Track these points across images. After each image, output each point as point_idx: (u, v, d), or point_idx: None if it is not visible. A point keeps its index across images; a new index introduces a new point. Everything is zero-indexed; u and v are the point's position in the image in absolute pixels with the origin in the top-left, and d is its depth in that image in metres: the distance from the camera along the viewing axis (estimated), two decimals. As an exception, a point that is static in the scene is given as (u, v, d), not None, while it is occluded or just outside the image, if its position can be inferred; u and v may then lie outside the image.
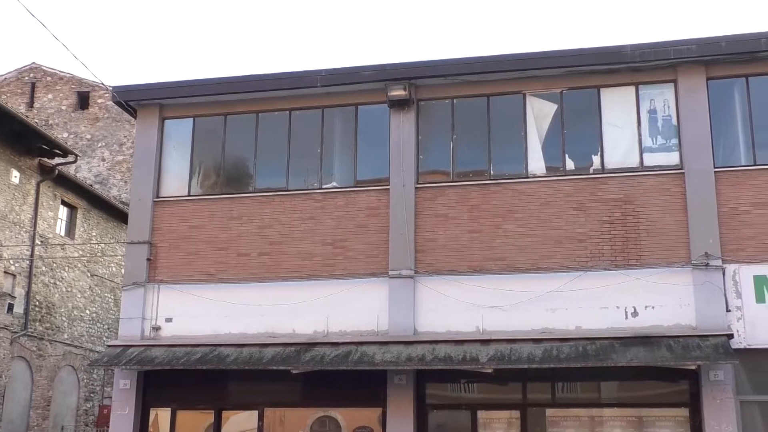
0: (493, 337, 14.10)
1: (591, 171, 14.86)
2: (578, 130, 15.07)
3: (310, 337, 14.84)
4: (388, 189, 15.36)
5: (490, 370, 13.55)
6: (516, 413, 14.31)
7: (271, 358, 14.32)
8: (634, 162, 14.70)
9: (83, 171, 29.72)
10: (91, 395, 25.89)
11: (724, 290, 13.72)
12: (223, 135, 16.51)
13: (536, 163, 15.07)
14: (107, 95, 28.72)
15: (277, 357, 14.32)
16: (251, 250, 15.72)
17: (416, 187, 15.28)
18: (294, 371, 14.07)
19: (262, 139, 16.32)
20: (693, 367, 13.17)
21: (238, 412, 15.50)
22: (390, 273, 14.91)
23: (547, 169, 15.03)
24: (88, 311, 25.87)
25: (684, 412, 13.72)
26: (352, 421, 15.15)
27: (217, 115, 16.59)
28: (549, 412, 14.33)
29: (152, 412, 15.62)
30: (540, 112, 15.21)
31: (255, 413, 15.14)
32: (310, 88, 15.93)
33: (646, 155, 14.69)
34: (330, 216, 15.57)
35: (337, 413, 15.23)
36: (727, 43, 14.27)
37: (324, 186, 15.86)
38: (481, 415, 14.50)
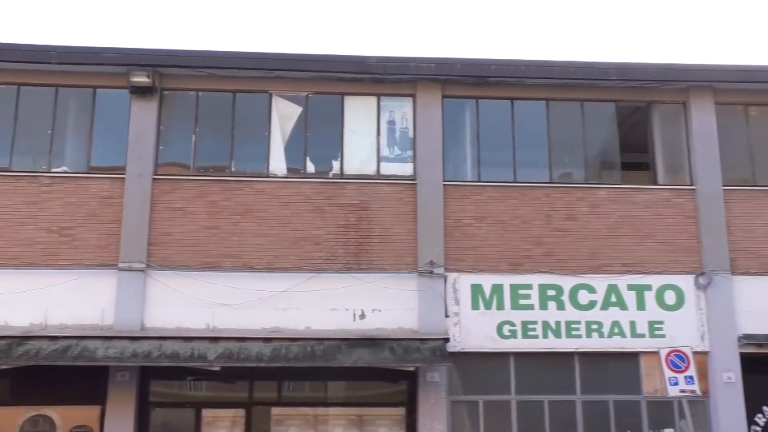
0: (223, 335, 14.00)
1: (330, 175, 15.23)
2: (321, 135, 15.38)
3: (26, 330, 13.86)
4: (124, 178, 14.75)
5: (217, 368, 13.42)
6: (241, 411, 14.30)
7: (-23, 352, 13.17)
8: (371, 170, 15.26)
9: None
10: None
11: (445, 297, 14.63)
12: (-62, 105, 14.99)
13: (278, 164, 15.17)
14: None
15: (-16, 351, 13.19)
16: (-38, 234, 14.39)
17: (154, 178, 14.80)
18: (2, 366, 13.06)
19: (-16, 114, 15.02)
20: (412, 369, 13.88)
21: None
22: (120, 265, 14.32)
23: (289, 170, 15.19)
24: None
25: (401, 411, 14.44)
26: (68, 421, 14.28)
27: (-70, 82, 15.02)
28: (275, 410, 14.47)
29: None
30: (285, 114, 15.35)
31: (-48, 413, 13.83)
32: (43, 64, 14.89)
33: (383, 164, 15.30)
34: (58, 202, 14.66)
35: (53, 412, 14.29)
36: (462, 66, 15.26)
37: (53, 169, 14.91)
38: (206, 413, 14.32)
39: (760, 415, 14.75)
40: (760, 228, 15.35)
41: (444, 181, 15.14)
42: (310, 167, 15.26)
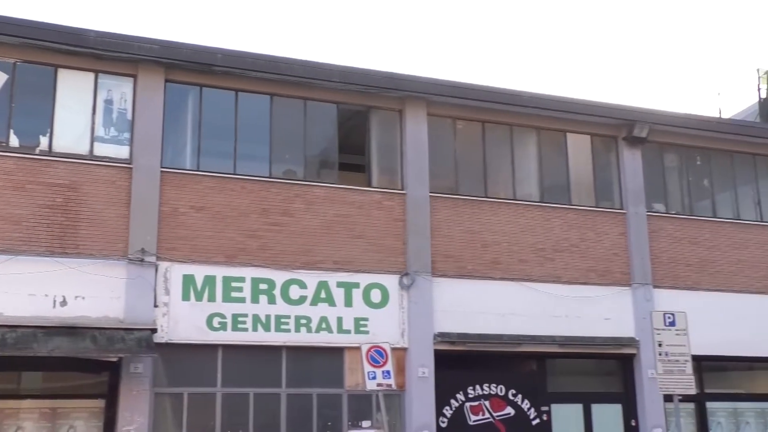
0: None
1: (37, 152, 14.19)
2: (29, 107, 14.29)
3: None
4: None
5: None
6: None
7: None
8: (84, 149, 14.43)
9: None
10: None
11: (155, 286, 14.20)
12: None
13: (-24, 134, 13.87)
14: None
15: None
16: None
17: None
18: None
19: None
20: (115, 359, 13.33)
21: None
22: None
23: (-10, 142, 13.94)
24: None
25: (100, 403, 13.79)
26: None
27: None
28: (-47, 405, 13.19)
29: None
30: (-12, 80, 14.07)
31: None
32: None
33: (96, 144, 14.53)
34: None
35: None
36: (187, 51, 14.90)
37: None
38: None
39: (447, 408, 15.91)
40: (460, 234, 16.54)
41: (162, 167, 14.69)
42: (14, 141, 14.07)
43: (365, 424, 15.19)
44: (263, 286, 14.93)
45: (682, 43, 57.21)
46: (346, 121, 16.61)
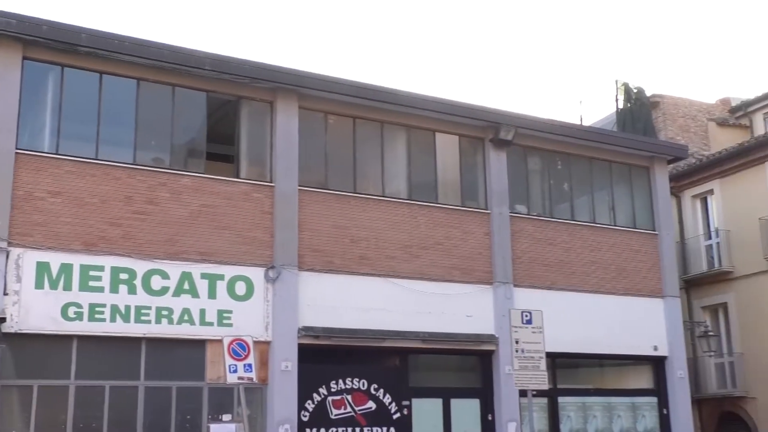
0: None
1: None
2: None
3: None
4: None
5: None
6: None
7: None
8: (-69, 129, 13.56)
9: None
10: None
11: (5, 273, 13.51)
12: None
13: None
14: None
15: None
16: None
17: None
18: None
19: None
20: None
21: None
22: None
23: None
24: None
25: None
26: None
27: None
28: None
29: None
30: None
31: None
32: None
33: (-57, 123, 13.69)
34: None
35: None
36: (48, 28, 14.20)
37: None
38: None
39: (309, 402, 15.89)
40: (328, 228, 16.52)
41: (17, 149, 13.98)
42: None
43: (226, 417, 14.98)
44: (124, 276, 14.46)
45: (548, 51, 59.38)
46: (216, 111, 16.30)
